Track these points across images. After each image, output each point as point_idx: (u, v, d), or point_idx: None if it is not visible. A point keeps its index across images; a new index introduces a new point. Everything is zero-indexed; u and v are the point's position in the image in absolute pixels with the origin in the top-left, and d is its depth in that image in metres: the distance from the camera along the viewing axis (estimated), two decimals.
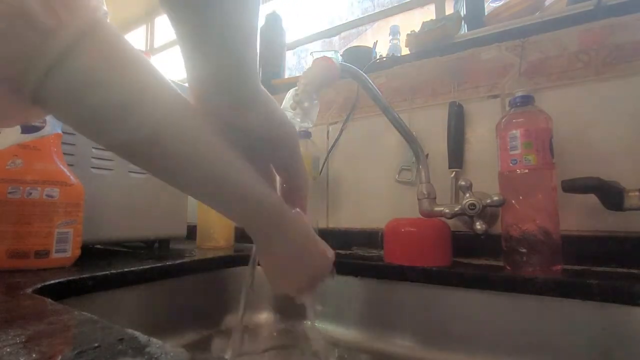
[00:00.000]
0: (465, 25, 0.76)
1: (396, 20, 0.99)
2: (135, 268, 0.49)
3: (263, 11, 1.18)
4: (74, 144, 0.58)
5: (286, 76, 1.03)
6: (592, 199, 0.50)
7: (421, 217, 0.61)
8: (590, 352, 0.41)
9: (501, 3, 0.74)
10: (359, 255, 0.66)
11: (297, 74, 1.12)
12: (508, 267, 0.50)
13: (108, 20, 0.22)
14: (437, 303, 0.51)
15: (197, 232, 0.78)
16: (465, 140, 0.66)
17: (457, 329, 0.49)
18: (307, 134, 0.74)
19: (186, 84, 0.28)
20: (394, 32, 0.93)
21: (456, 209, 0.57)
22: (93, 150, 0.61)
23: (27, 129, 0.47)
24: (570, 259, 0.51)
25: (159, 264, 0.53)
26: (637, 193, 0.47)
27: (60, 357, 0.18)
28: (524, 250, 0.48)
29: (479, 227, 0.55)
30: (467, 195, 0.56)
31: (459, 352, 0.49)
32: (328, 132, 0.84)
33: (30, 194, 0.46)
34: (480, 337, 0.47)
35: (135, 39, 1.78)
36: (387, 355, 0.52)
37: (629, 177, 0.51)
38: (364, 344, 0.55)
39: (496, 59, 0.66)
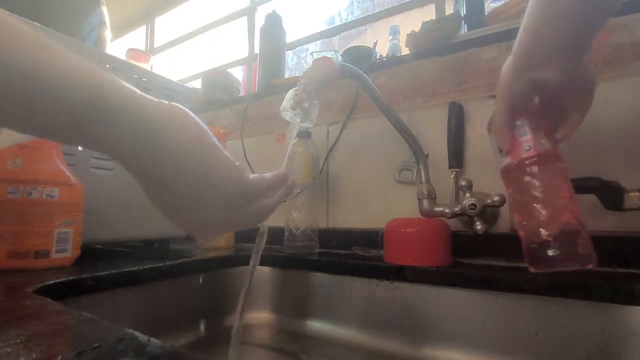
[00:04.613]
0: (465, 25, 0.76)
1: (396, 20, 0.99)
2: (135, 268, 0.49)
3: (263, 11, 1.18)
4: None
5: (286, 76, 1.03)
6: (592, 199, 0.50)
7: (421, 217, 0.61)
8: (590, 352, 0.41)
9: (501, 3, 0.74)
10: (359, 255, 0.66)
11: (297, 74, 1.12)
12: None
13: None
14: (437, 303, 0.51)
15: None
16: (465, 140, 0.66)
17: (456, 329, 0.49)
18: (307, 134, 0.74)
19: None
20: (394, 32, 0.93)
21: (456, 209, 0.57)
22: None
23: None
24: None
25: (159, 264, 0.53)
26: (637, 193, 0.47)
27: (60, 357, 0.18)
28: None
29: (479, 227, 0.55)
30: (468, 195, 0.55)
31: (459, 352, 0.49)
32: (328, 132, 0.84)
33: (30, 194, 0.46)
34: (480, 337, 0.47)
35: (135, 39, 1.78)
36: (386, 354, 0.52)
37: (629, 177, 0.51)
38: (363, 343, 0.55)
39: (496, 59, 0.66)
